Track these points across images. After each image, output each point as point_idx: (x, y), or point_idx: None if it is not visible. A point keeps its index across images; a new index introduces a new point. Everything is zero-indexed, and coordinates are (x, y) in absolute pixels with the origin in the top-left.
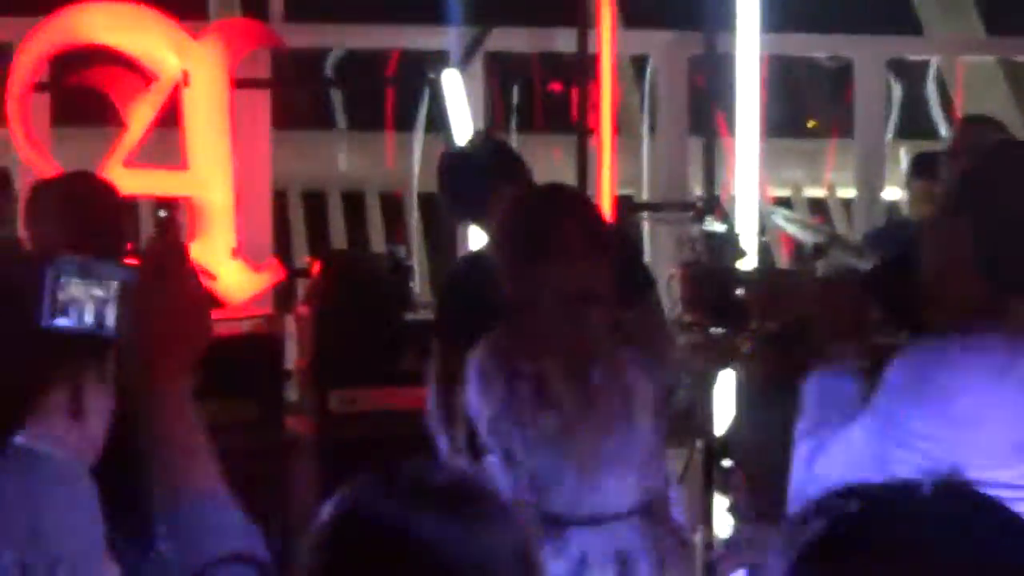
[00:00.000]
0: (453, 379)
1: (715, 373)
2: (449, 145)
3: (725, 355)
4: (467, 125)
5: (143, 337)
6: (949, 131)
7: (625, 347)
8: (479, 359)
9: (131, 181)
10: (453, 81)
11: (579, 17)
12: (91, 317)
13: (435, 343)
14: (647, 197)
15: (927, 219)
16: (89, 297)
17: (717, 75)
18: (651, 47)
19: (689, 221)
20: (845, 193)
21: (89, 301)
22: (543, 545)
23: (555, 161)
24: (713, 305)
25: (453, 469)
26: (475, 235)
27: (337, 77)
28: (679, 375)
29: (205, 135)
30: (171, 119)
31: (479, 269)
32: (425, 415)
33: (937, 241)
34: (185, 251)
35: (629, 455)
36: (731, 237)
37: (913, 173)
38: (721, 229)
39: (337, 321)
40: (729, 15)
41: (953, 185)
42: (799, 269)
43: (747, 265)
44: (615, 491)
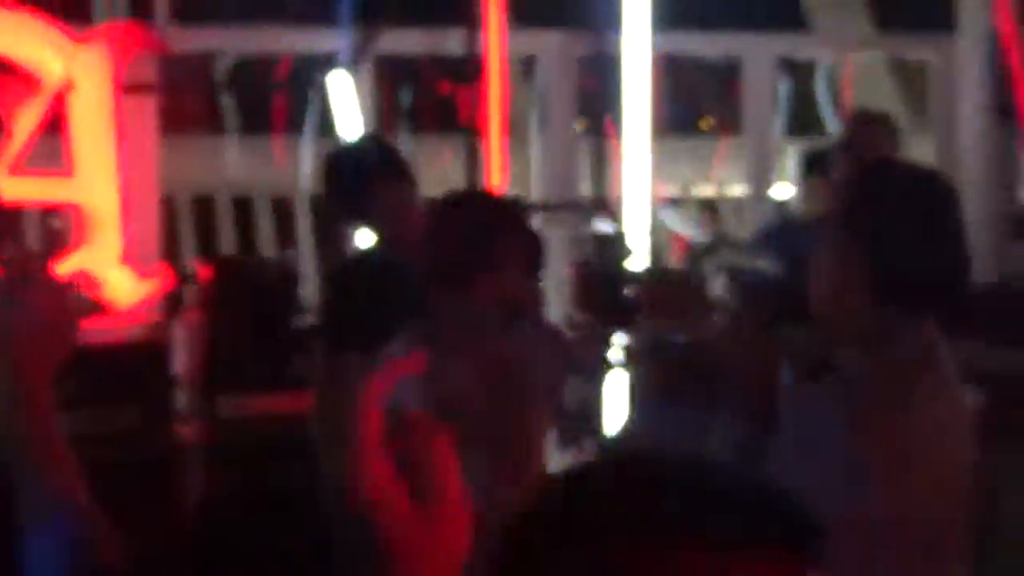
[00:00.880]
0: (339, 382)
1: (607, 374)
2: (338, 145)
3: (617, 356)
4: (357, 127)
5: (6, 346)
6: (839, 128)
7: (533, 352)
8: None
9: (17, 188)
10: (342, 83)
11: (467, 18)
12: None
13: (320, 346)
14: (537, 198)
15: (819, 234)
16: None
17: (606, 75)
18: (540, 48)
19: (579, 222)
20: (735, 191)
21: None
22: None
23: (445, 162)
24: (603, 305)
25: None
26: (363, 237)
27: (226, 81)
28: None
29: (91, 141)
30: (57, 125)
31: (364, 271)
32: (309, 419)
33: (828, 265)
34: (50, 261)
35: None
36: (620, 237)
37: (804, 170)
38: (610, 229)
39: (226, 327)
40: (619, 15)
41: (840, 210)
42: (690, 268)
43: (636, 265)
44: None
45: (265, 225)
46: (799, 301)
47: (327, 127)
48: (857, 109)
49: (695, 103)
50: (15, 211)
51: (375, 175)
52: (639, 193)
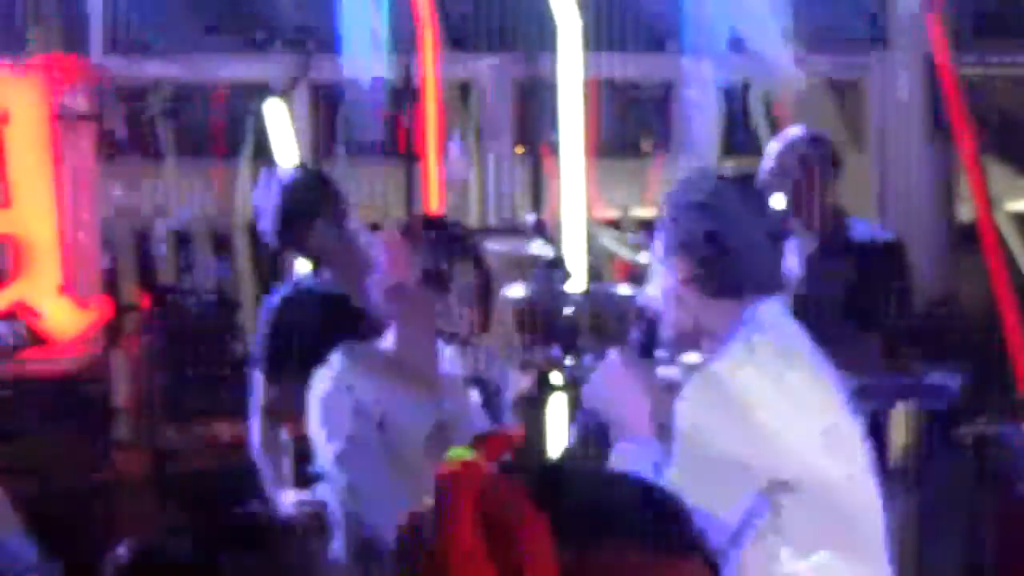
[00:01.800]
0: (275, 411)
1: (547, 397)
2: (273, 175)
3: (557, 378)
4: (292, 154)
5: None
6: (776, 147)
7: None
8: (322, 393)
9: None
10: (277, 110)
11: (402, 43)
12: None
13: (256, 376)
14: (475, 222)
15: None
16: None
17: (541, 98)
18: (475, 71)
19: (517, 245)
20: None
21: None
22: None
23: (384, 187)
24: (542, 328)
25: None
26: (301, 265)
27: (163, 109)
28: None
29: (27, 172)
30: None
31: (297, 301)
32: (249, 447)
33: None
34: None
35: None
36: (558, 259)
37: None
38: (548, 252)
39: (165, 356)
40: (553, 39)
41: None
42: (630, 289)
43: (574, 287)
44: None
45: (203, 253)
46: None
47: (264, 154)
48: (788, 129)
49: (633, 125)
50: None
51: (311, 211)
52: (576, 215)
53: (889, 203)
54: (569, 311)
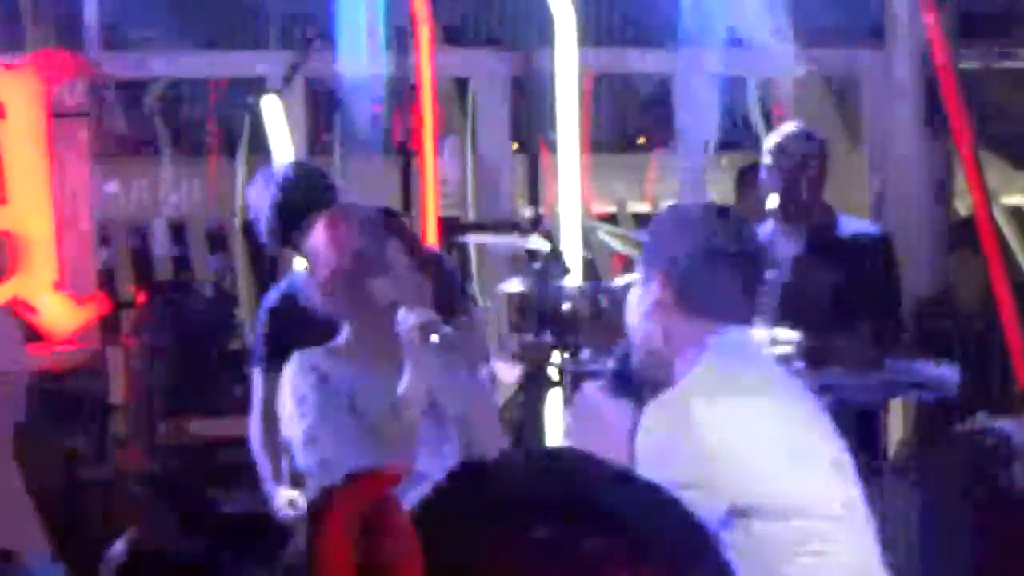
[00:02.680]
0: (273, 409)
1: (546, 391)
2: (269, 172)
3: (555, 373)
4: (288, 150)
5: None
6: (771, 142)
7: (439, 353)
8: (290, 377)
9: None
10: (273, 107)
11: (399, 38)
12: None
13: (254, 373)
14: (472, 217)
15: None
16: None
17: (538, 93)
18: (471, 67)
19: (515, 240)
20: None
21: None
22: None
23: (380, 183)
24: (540, 323)
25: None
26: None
27: (159, 105)
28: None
29: (23, 168)
30: None
31: (295, 298)
32: (249, 444)
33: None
34: None
35: (441, 454)
36: (556, 255)
37: (742, 184)
38: (545, 247)
39: (163, 352)
40: (550, 34)
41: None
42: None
43: (572, 282)
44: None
45: (200, 249)
46: None
47: (260, 150)
48: (783, 124)
49: (630, 119)
50: None
51: (307, 207)
52: (572, 210)
53: (885, 198)
54: (567, 306)
